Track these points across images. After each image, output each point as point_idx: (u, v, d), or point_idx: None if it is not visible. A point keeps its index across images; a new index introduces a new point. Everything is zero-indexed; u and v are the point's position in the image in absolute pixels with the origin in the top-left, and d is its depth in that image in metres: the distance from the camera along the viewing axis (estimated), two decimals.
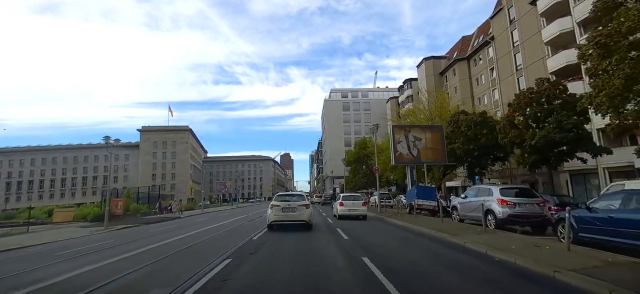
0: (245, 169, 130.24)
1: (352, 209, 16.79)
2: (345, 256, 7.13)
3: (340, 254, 7.43)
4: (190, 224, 18.32)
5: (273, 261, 6.86)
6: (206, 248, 9.04)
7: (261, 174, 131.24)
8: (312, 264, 6.39)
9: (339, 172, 65.90)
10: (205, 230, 14.18)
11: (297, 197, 13.12)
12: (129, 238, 12.70)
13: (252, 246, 8.87)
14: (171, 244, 9.87)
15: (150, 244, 10.10)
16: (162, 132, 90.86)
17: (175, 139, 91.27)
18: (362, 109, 70.09)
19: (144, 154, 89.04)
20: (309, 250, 8.07)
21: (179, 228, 16.15)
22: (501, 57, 33.46)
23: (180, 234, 12.65)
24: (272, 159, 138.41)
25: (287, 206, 11.99)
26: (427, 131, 20.76)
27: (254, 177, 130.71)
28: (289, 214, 11.87)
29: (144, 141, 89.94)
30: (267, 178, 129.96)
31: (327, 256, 7.18)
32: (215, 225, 16.45)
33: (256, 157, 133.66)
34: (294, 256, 7.23)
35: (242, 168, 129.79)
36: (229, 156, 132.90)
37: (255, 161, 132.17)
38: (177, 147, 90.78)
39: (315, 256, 7.23)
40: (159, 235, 12.92)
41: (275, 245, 8.94)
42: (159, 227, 17.28)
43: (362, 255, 7.08)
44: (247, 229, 13.60)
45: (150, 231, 15.48)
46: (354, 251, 7.72)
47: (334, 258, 7.01)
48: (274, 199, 12.58)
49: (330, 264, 6.39)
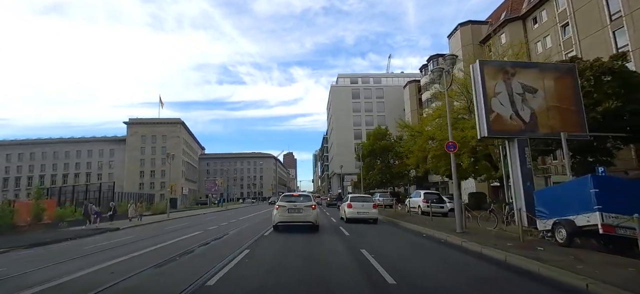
0: (245, 166, 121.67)
1: (361, 212, 15.08)
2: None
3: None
4: (107, 246, 9.60)
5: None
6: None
7: (262, 173, 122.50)
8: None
9: (348, 168, 56.93)
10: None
11: (303, 198, 12.44)
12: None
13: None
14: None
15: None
16: (151, 126, 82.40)
17: (166, 132, 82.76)
18: (374, 96, 61.00)
19: (130, 149, 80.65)
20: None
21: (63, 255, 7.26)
22: (582, 6, 24.28)
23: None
24: (274, 157, 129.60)
25: (293, 207, 11.66)
26: (548, 76, 10.88)
27: (254, 175, 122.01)
28: (294, 214, 11.55)
29: (131, 135, 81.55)
30: (268, 177, 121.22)
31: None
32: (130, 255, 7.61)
33: (256, 154, 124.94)
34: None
35: (241, 166, 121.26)
36: (227, 153, 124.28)
37: (255, 158, 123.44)
38: (167, 142, 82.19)
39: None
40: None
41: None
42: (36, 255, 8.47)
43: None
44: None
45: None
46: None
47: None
48: (280, 200, 12.21)
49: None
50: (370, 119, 59.70)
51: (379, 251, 7.64)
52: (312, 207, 11.82)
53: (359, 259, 6.89)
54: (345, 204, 16.09)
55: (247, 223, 18.01)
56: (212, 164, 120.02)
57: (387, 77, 64.30)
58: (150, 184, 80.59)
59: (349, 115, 59.69)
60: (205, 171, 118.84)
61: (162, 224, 19.41)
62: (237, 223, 17.72)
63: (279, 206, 11.92)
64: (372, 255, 7.05)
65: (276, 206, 12.05)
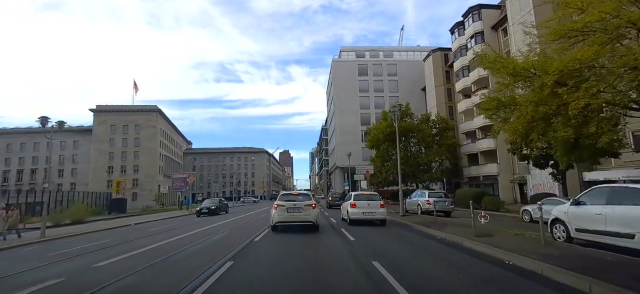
0: (235, 162, 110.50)
1: (367, 212, 13.04)
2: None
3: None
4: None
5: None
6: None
7: (253, 169, 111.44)
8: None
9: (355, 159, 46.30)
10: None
11: (303, 196, 11.88)
12: None
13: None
14: None
15: None
16: (122, 114, 71.04)
17: (140, 122, 71.43)
18: (385, 73, 50.27)
19: (98, 140, 69.22)
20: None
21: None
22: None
23: None
24: (266, 152, 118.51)
25: (292, 206, 11.06)
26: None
27: (245, 172, 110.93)
28: (294, 214, 10.98)
29: (98, 124, 70.10)
30: (260, 174, 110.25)
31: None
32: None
33: (247, 149, 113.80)
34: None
35: (231, 161, 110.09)
36: (215, 148, 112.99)
37: (246, 153, 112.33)
38: (141, 133, 70.96)
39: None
40: None
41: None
42: None
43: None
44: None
45: None
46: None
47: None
48: (279, 199, 11.63)
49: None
50: (380, 101, 49.05)
51: (397, 265, 5.98)
52: (312, 207, 11.23)
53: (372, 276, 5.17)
54: (348, 203, 13.75)
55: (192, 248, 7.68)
56: (199, 160, 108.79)
57: (401, 50, 53.60)
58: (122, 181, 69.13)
59: (355, 96, 48.93)
60: (191, 168, 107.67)
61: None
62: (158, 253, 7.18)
63: (277, 205, 11.21)
64: (389, 270, 5.45)
65: (275, 206, 11.28)
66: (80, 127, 72.99)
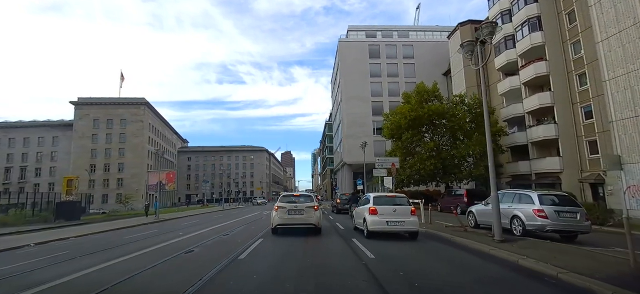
0: (233, 161, 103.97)
1: (393, 221, 9.57)
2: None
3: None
4: None
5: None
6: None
7: (252, 169, 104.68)
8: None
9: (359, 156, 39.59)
10: None
11: (304, 198, 11.23)
12: None
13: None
14: None
15: None
16: (106, 107, 64.69)
17: (126, 116, 65.05)
18: (400, 55, 43.24)
19: (79, 136, 62.83)
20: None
21: None
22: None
23: None
24: (266, 151, 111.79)
25: (293, 208, 10.54)
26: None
27: (243, 172, 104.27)
28: (295, 216, 10.45)
29: (79, 119, 63.71)
30: (259, 173, 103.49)
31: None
32: None
33: (246, 147, 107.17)
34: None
35: (229, 160, 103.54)
36: (211, 146, 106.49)
37: (245, 151, 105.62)
38: (127, 128, 64.52)
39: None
40: None
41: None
42: None
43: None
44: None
45: None
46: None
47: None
48: (279, 200, 11.03)
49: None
50: (394, 87, 42.11)
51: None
52: (314, 208, 10.63)
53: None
54: (365, 208, 10.26)
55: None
56: (194, 159, 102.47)
57: (418, 30, 46.55)
58: (104, 181, 62.88)
59: (365, 81, 41.94)
60: (186, 167, 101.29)
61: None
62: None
63: (278, 207, 10.65)
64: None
65: (275, 207, 10.75)
66: (60, 121, 66.67)
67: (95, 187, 61.61)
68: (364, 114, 41.24)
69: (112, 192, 62.32)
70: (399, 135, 26.05)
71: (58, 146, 64.77)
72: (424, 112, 24.29)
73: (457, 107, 25.25)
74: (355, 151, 40.71)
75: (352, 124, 41.12)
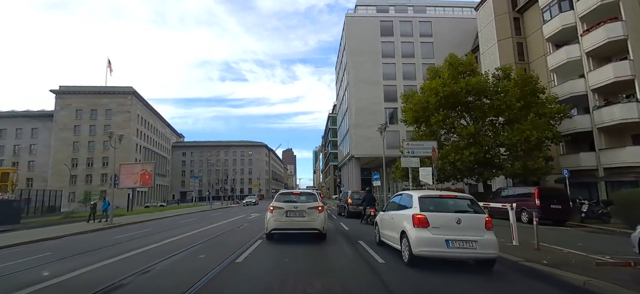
0: (230, 157, 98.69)
1: (458, 241, 5.62)
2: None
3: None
4: None
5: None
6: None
7: (250, 165, 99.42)
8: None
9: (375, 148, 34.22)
10: None
11: (306, 196, 9.34)
12: None
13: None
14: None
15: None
16: (90, 96, 59.45)
17: (112, 106, 59.77)
18: (416, 33, 37.51)
19: (60, 128, 57.56)
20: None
21: None
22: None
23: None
24: (266, 146, 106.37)
25: (293, 209, 8.69)
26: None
27: (241, 168, 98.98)
28: (295, 219, 8.59)
29: (61, 109, 58.45)
30: (258, 170, 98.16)
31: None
32: None
33: (244, 142, 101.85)
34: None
35: (226, 156, 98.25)
36: (207, 141, 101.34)
37: (243, 147, 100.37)
38: (113, 119, 59.16)
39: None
40: None
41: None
42: None
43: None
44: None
45: None
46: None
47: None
48: (276, 199, 9.07)
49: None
50: (410, 69, 36.49)
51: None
52: (319, 209, 8.73)
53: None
54: (406, 215, 6.41)
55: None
56: (189, 155, 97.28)
57: (437, 5, 40.68)
58: (87, 177, 57.67)
59: (376, 62, 36.26)
60: (181, 163, 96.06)
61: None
62: None
63: (273, 207, 8.78)
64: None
65: (270, 208, 8.89)
66: (41, 112, 61.43)
67: (77, 183, 56.47)
68: (374, 100, 35.65)
69: (95, 190, 56.95)
70: (426, 118, 20.50)
71: (37, 138, 59.64)
72: (461, 87, 18.69)
73: (501, 83, 19.60)
74: (364, 142, 35.23)
75: (361, 112, 35.53)
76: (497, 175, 19.14)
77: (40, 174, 57.78)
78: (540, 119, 18.07)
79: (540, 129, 17.37)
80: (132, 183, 28.09)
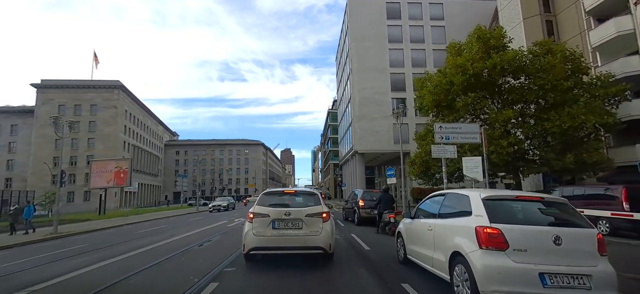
0: (226, 156, 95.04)
1: (560, 276, 3.25)
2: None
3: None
4: None
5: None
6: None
7: (247, 164, 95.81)
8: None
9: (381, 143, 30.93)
10: None
11: (303, 197, 6.22)
12: None
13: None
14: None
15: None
16: (74, 90, 55.74)
17: (97, 101, 56.06)
18: (426, 16, 34.06)
19: (41, 124, 53.65)
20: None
21: None
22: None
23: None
24: (263, 145, 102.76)
25: (283, 217, 5.65)
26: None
27: (237, 167, 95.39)
28: (286, 232, 5.59)
29: (42, 104, 54.67)
30: (254, 169, 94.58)
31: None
32: None
33: (240, 141, 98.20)
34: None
35: (221, 155, 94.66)
36: (201, 140, 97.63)
37: (239, 145, 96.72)
38: (98, 115, 55.48)
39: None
40: None
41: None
42: None
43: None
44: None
45: None
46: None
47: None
48: (258, 202, 6.00)
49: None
50: (419, 56, 33.02)
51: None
52: (323, 217, 5.70)
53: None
54: (462, 226, 3.95)
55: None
56: (182, 154, 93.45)
57: None
58: (70, 176, 53.66)
59: (382, 48, 32.76)
60: (174, 162, 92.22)
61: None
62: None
63: (254, 214, 5.78)
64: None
65: (249, 215, 5.85)
66: (21, 107, 57.58)
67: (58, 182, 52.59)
68: (380, 90, 32.12)
69: (79, 190, 53.37)
70: (449, 102, 16.98)
71: (17, 135, 55.79)
72: (494, 63, 15.15)
73: (543, 59, 16.02)
74: (369, 136, 31.71)
75: (366, 102, 32.00)
76: (541, 171, 15.60)
77: (20, 173, 54.03)
78: (595, 99, 14.59)
79: (598, 114, 13.86)
80: (105, 182, 24.65)
